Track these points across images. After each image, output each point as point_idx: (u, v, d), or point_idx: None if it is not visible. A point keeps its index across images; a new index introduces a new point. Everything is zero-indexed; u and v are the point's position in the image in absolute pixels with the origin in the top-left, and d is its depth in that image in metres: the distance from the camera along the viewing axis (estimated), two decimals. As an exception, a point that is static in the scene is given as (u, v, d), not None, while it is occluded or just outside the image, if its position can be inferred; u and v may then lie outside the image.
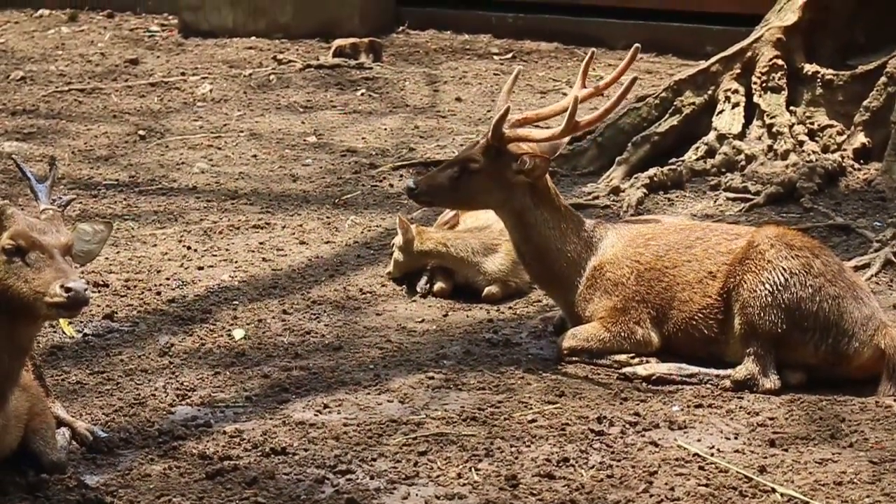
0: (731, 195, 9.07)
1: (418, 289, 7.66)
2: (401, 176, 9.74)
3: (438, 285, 7.64)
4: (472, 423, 5.99)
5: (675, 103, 9.78)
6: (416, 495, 5.39)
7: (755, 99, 9.64)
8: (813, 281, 6.32)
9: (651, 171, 9.30)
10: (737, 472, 5.57)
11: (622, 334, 6.62)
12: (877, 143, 9.30)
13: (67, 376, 6.46)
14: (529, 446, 5.77)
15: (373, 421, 6.02)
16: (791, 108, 9.61)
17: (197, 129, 10.94)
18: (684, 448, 5.77)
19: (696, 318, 6.55)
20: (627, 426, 5.95)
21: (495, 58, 13.23)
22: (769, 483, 5.47)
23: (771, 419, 6.05)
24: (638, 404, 6.20)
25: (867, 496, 5.39)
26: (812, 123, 9.56)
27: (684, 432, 5.93)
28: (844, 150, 9.37)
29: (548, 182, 6.76)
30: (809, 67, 9.65)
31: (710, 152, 9.50)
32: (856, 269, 7.51)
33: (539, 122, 6.82)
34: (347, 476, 5.51)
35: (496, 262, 7.58)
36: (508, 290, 7.61)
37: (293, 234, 8.56)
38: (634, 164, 9.49)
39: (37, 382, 5.62)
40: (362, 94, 11.95)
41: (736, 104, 9.65)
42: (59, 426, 5.64)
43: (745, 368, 6.34)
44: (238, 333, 7.04)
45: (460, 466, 5.60)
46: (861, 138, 9.34)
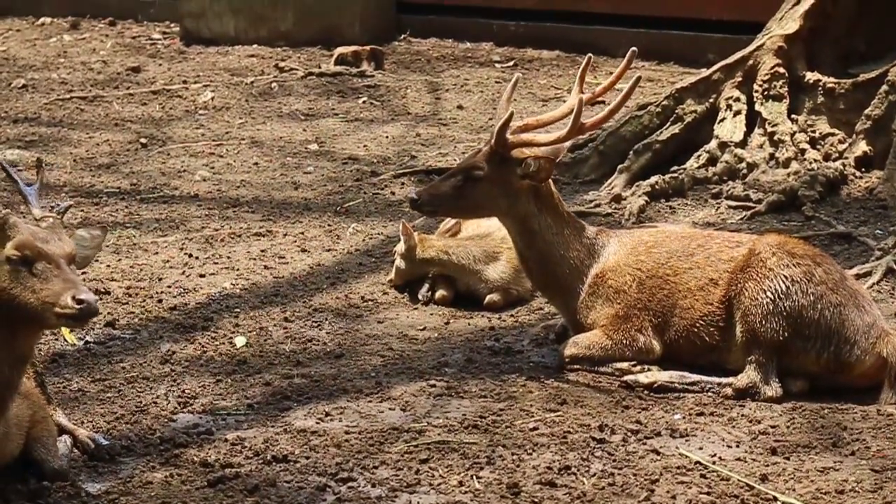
0: (733, 203, 9.07)
1: (420, 296, 7.67)
2: (402, 184, 9.74)
3: (440, 293, 7.64)
4: (473, 431, 5.99)
5: (676, 111, 9.78)
6: (418, 503, 5.39)
7: (756, 107, 9.64)
8: (814, 289, 6.32)
9: (652, 178, 9.30)
10: (738, 480, 5.56)
11: (624, 342, 6.61)
12: (878, 152, 9.29)
13: (69, 384, 6.46)
14: (531, 454, 5.77)
15: (374, 429, 6.01)
16: (792, 116, 9.61)
17: (198, 136, 10.95)
18: (686, 456, 5.76)
19: (697, 325, 6.54)
20: (629, 434, 5.95)
21: (497, 66, 13.22)
22: (771, 491, 5.47)
23: (773, 427, 6.05)
24: (640, 412, 6.20)
25: (869, 504, 5.40)
26: (813, 132, 9.56)
27: (686, 440, 5.93)
28: (846, 158, 9.36)
29: (551, 188, 6.76)
30: (811, 76, 9.65)
31: (712, 160, 9.50)
32: (857, 277, 7.50)
33: (539, 128, 6.83)
34: (349, 484, 5.51)
35: (498, 269, 7.58)
36: (510, 298, 7.61)
37: (295, 241, 8.56)
38: (636, 172, 9.49)
39: (38, 390, 5.63)
40: (364, 102, 11.96)
41: (737, 112, 9.65)
42: (60, 434, 5.64)
43: (747, 376, 6.34)
44: (239, 341, 7.04)
45: (462, 474, 5.59)
46: (862, 146, 9.33)
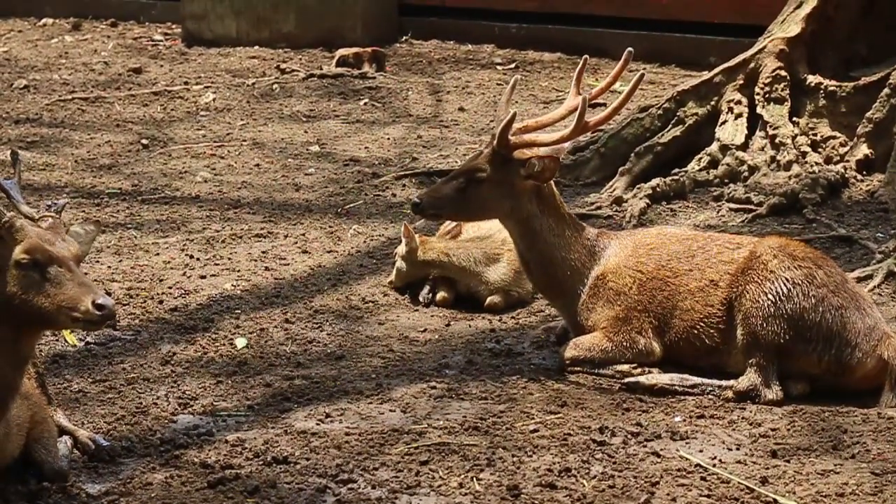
0: (734, 206, 9.07)
1: (421, 298, 7.66)
2: (403, 185, 9.74)
3: (441, 295, 7.64)
4: (473, 433, 5.98)
5: (678, 114, 9.78)
6: (418, 505, 5.40)
7: (758, 110, 9.64)
8: (815, 291, 6.32)
9: (654, 181, 9.30)
10: (739, 482, 5.56)
11: (624, 344, 6.61)
12: (880, 155, 9.30)
13: (69, 385, 6.46)
14: (531, 456, 5.76)
15: (374, 430, 6.01)
16: (794, 119, 9.61)
17: (200, 138, 10.95)
18: (686, 459, 5.76)
19: (698, 326, 6.54)
20: (629, 436, 5.95)
21: (498, 68, 13.23)
22: (771, 494, 5.46)
23: (773, 430, 6.04)
24: (640, 415, 6.19)
25: (869, 507, 5.40)
26: (815, 134, 9.56)
27: (686, 443, 5.93)
28: (847, 161, 9.37)
29: (553, 189, 6.75)
30: (812, 79, 9.65)
31: (713, 163, 9.50)
32: (858, 280, 7.50)
33: (539, 129, 6.82)
34: (349, 485, 5.51)
35: (498, 271, 7.58)
36: (510, 300, 7.61)
37: (296, 243, 8.56)
38: (637, 175, 9.49)
39: (39, 391, 5.62)
40: (365, 104, 11.96)
41: (739, 115, 9.65)
42: (60, 434, 5.64)
43: (748, 379, 6.34)
44: (240, 342, 7.04)
45: (462, 476, 5.59)
46: (864, 149, 9.34)
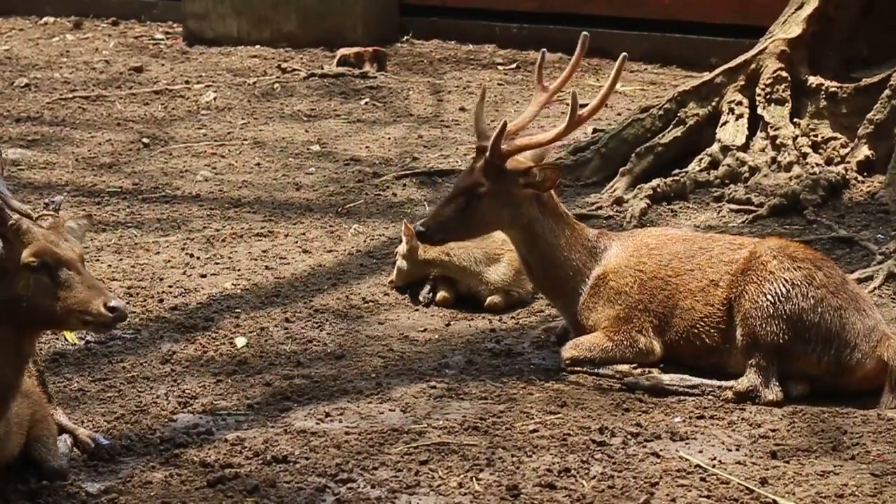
0: (735, 207, 9.07)
1: (421, 298, 7.66)
2: (404, 185, 9.74)
3: (441, 294, 7.64)
4: (473, 433, 5.98)
5: (678, 114, 9.78)
6: (417, 504, 5.40)
7: (759, 111, 9.64)
8: (815, 292, 6.32)
9: (654, 181, 9.29)
10: (738, 483, 5.56)
11: (624, 343, 6.61)
12: (880, 156, 9.29)
13: (69, 383, 6.46)
14: (531, 456, 5.77)
15: (374, 430, 6.01)
16: (795, 120, 9.61)
17: (201, 137, 10.95)
18: (686, 459, 5.76)
19: (698, 326, 6.54)
20: (629, 437, 5.95)
21: (499, 68, 13.23)
22: (770, 495, 5.46)
23: (773, 431, 6.04)
24: (640, 415, 6.19)
25: (869, 509, 5.40)
26: (816, 136, 9.56)
27: (686, 443, 5.93)
28: (848, 162, 9.36)
29: (551, 191, 6.76)
30: (813, 80, 9.65)
31: (714, 164, 9.50)
32: (858, 281, 7.49)
33: (519, 132, 6.83)
34: (348, 485, 5.51)
35: (499, 271, 7.58)
36: (511, 300, 7.61)
37: (296, 242, 8.56)
38: (638, 175, 9.49)
39: (39, 389, 5.62)
40: (366, 104, 11.96)
41: (740, 116, 9.65)
42: (60, 433, 5.64)
43: (748, 380, 6.34)
44: (240, 341, 7.04)
45: (461, 476, 5.59)
46: (865, 151, 9.33)
